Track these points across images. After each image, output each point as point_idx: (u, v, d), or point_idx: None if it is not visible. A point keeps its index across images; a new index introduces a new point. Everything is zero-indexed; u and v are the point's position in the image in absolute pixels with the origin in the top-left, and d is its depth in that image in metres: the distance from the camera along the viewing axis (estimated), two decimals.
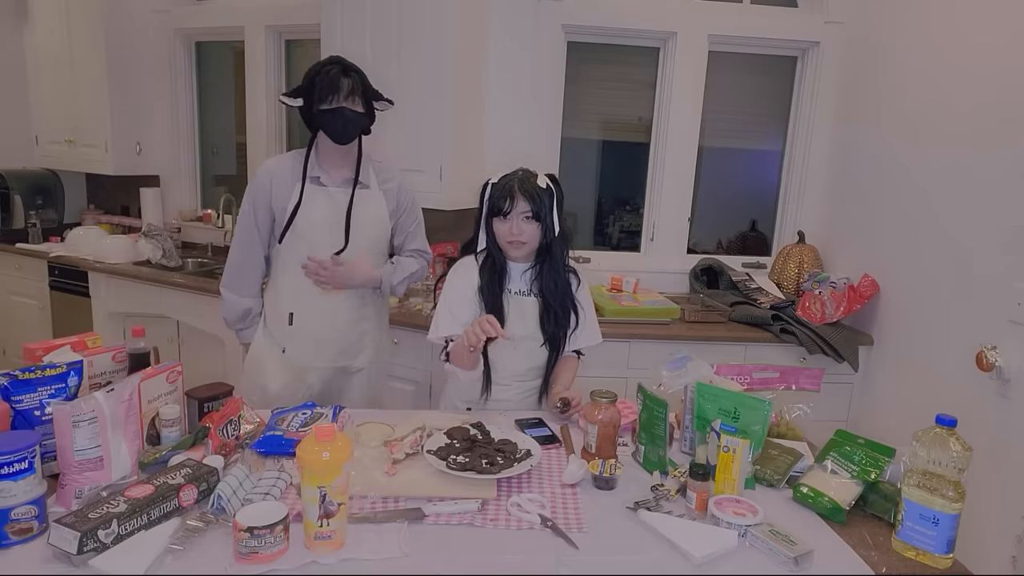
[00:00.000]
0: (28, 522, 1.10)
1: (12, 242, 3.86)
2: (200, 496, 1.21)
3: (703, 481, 1.30)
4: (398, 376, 2.77)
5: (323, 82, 1.86)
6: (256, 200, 1.96)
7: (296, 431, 1.48)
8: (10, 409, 1.24)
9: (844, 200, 3.02)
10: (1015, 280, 1.95)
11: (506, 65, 3.11)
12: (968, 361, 2.01)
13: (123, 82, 3.75)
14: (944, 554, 1.18)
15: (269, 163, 2.01)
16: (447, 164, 2.83)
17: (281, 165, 1.98)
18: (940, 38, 2.42)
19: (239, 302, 2.02)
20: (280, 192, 1.94)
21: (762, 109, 3.40)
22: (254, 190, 1.96)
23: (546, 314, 1.78)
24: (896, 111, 2.65)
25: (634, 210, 3.45)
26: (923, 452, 1.19)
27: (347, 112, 1.88)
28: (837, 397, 2.74)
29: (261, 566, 1.06)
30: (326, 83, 1.86)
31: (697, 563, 1.14)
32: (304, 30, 3.50)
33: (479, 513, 1.26)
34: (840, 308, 2.70)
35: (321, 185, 1.96)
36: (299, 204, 1.92)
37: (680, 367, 1.56)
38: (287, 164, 1.97)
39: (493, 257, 1.77)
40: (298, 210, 1.92)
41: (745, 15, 3.16)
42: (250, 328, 2.05)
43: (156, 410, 1.38)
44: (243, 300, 2.02)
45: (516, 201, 1.69)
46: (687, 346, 2.17)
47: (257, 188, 1.96)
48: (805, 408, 1.64)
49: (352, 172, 1.99)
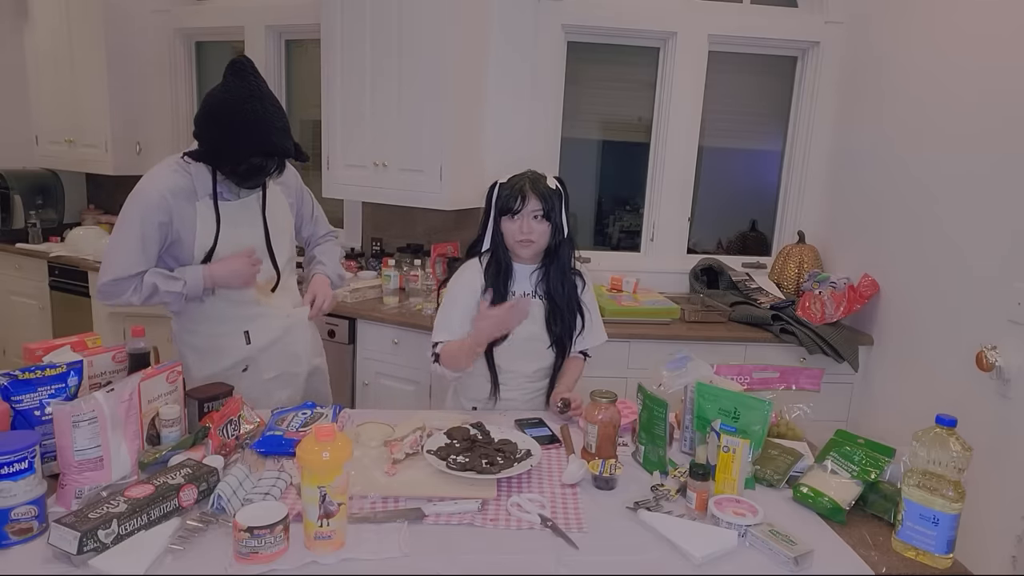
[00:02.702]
0: (28, 522, 1.10)
1: (12, 242, 3.86)
2: (200, 496, 1.21)
3: (703, 481, 1.30)
4: (398, 376, 2.77)
5: (247, 169, 1.65)
6: (146, 220, 1.68)
7: (296, 431, 1.48)
8: (10, 409, 1.24)
9: (844, 200, 3.02)
10: (1015, 280, 1.95)
11: (506, 65, 3.11)
12: (968, 361, 2.01)
13: (123, 82, 3.75)
14: (944, 554, 1.18)
15: (160, 181, 1.71)
16: (447, 164, 2.83)
17: (175, 181, 1.71)
18: (940, 38, 2.42)
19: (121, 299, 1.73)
20: (182, 215, 1.70)
21: (762, 109, 3.40)
22: (144, 211, 1.68)
23: (552, 316, 1.78)
24: (896, 111, 2.65)
25: (634, 210, 3.45)
26: (923, 452, 1.19)
27: (265, 178, 1.75)
28: (837, 397, 2.74)
29: (261, 566, 1.06)
30: (249, 171, 1.66)
31: (697, 563, 1.14)
32: (304, 30, 3.50)
33: (479, 513, 1.26)
34: (840, 308, 2.70)
35: (225, 199, 1.75)
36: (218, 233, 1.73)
37: (680, 367, 1.56)
38: (179, 181, 1.71)
39: (499, 258, 1.76)
40: (218, 238, 1.73)
41: (745, 15, 3.16)
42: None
43: (156, 410, 1.38)
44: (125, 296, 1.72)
45: (528, 200, 1.69)
46: (687, 346, 2.17)
47: (148, 209, 1.68)
48: (805, 408, 1.64)
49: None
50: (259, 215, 1.83)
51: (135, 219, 1.69)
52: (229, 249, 1.76)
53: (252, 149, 1.63)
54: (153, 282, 1.70)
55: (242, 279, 1.77)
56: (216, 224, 1.74)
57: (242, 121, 1.61)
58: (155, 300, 1.73)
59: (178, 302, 1.76)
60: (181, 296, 1.73)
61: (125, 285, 1.69)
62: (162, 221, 1.69)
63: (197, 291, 1.74)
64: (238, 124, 1.62)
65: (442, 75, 2.78)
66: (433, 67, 2.77)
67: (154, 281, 1.70)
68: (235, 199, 1.79)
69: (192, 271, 1.73)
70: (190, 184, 1.72)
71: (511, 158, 2.96)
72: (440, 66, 2.77)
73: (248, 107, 1.62)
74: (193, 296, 1.75)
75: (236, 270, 1.75)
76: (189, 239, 1.72)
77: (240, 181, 1.72)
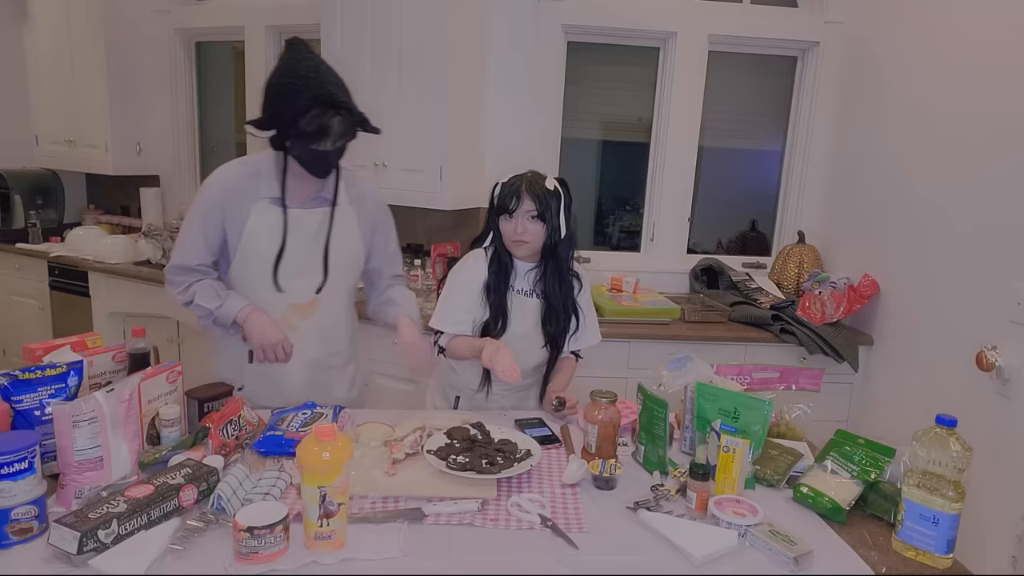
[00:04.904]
0: (28, 522, 1.10)
1: (12, 242, 3.86)
2: (200, 496, 1.21)
3: (703, 481, 1.30)
4: (398, 376, 2.77)
5: (310, 126, 1.56)
6: (205, 213, 1.67)
7: (296, 431, 1.47)
8: (10, 409, 1.24)
9: (844, 200, 3.02)
10: (1015, 280, 1.95)
11: (506, 65, 3.11)
12: (968, 361, 2.01)
13: (123, 82, 3.75)
14: (944, 554, 1.18)
15: (222, 173, 1.70)
16: (447, 164, 2.83)
17: (236, 176, 1.69)
18: (940, 38, 2.42)
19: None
20: (235, 212, 1.66)
21: (762, 109, 3.40)
22: (204, 203, 1.68)
23: (548, 315, 1.79)
24: (896, 111, 2.65)
25: (634, 210, 3.45)
26: (923, 452, 1.19)
27: (332, 155, 1.64)
28: (837, 397, 2.74)
29: (261, 566, 1.06)
30: (314, 128, 1.56)
31: (697, 563, 1.14)
32: (304, 30, 3.48)
33: (479, 513, 1.26)
34: (840, 308, 2.70)
35: (282, 207, 1.68)
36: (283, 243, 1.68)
37: (680, 367, 1.56)
38: (241, 176, 1.68)
39: (500, 255, 1.78)
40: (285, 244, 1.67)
41: (745, 15, 3.16)
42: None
43: (156, 410, 1.38)
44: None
45: (522, 200, 1.70)
46: (687, 346, 2.16)
47: (208, 202, 1.67)
48: (805, 408, 1.64)
49: (320, 188, 1.72)
50: (318, 228, 1.72)
51: (197, 210, 1.69)
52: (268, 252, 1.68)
53: (309, 102, 1.54)
54: (196, 291, 1.67)
55: (264, 346, 1.67)
56: (283, 230, 1.67)
57: (296, 77, 1.57)
58: (191, 308, 1.69)
59: (206, 320, 1.69)
60: (210, 315, 1.67)
61: (185, 277, 1.68)
62: (218, 215, 1.67)
63: (226, 321, 1.67)
64: (294, 79, 1.57)
65: (442, 75, 2.77)
66: (433, 67, 2.77)
67: (197, 290, 1.67)
68: (297, 207, 1.69)
69: (233, 301, 1.67)
70: (253, 182, 1.67)
71: (511, 158, 2.95)
72: (440, 66, 2.77)
73: (302, 66, 1.58)
74: (221, 323, 1.68)
75: (265, 337, 1.66)
76: (234, 238, 1.68)
77: (307, 159, 1.62)
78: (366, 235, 1.82)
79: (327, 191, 1.73)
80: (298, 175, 1.67)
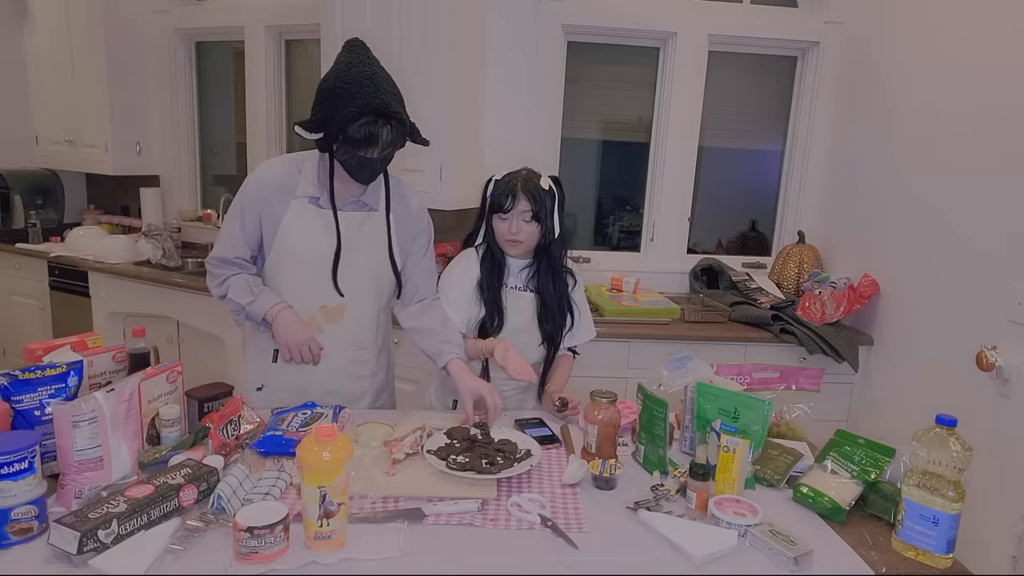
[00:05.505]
0: (28, 522, 1.10)
1: (12, 242, 3.86)
2: (200, 496, 1.21)
3: (703, 481, 1.30)
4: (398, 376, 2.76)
5: (359, 133, 1.52)
6: (245, 208, 1.67)
7: (296, 431, 1.47)
8: (10, 409, 1.23)
9: (844, 200, 3.02)
10: (1015, 280, 1.95)
11: (506, 65, 3.11)
12: (968, 361, 2.01)
13: (123, 82, 3.75)
14: (944, 554, 1.17)
15: (265, 169, 1.70)
16: (447, 164, 2.83)
17: (277, 173, 1.68)
18: (940, 38, 2.42)
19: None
20: (273, 208, 1.66)
21: (762, 109, 3.40)
22: (245, 197, 1.68)
23: (543, 312, 1.80)
24: (896, 111, 2.65)
25: (634, 210, 3.45)
26: (923, 452, 1.19)
27: (378, 163, 1.60)
28: (837, 397, 2.74)
29: (261, 566, 1.06)
30: (363, 136, 1.52)
31: (697, 563, 1.14)
32: (304, 30, 3.50)
33: (479, 513, 1.26)
34: (840, 308, 2.70)
35: (322, 208, 1.67)
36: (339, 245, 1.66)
37: (680, 367, 1.56)
38: (282, 173, 1.67)
39: (492, 252, 1.78)
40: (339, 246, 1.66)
41: (745, 15, 3.16)
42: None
43: (156, 410, 1.38)
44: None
45: (517, 200, 1.70)
46: (687, 346, 2.16)
47: (248, 198, 1.67)
48: (805, 408, 1.64)
49: (361, 192, 1.70)
50: (355, 232, 1.70)
51: (237, 203, 1.69)
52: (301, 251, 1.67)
53: (360, 110, 1.51)
54: (230, 284, 1.67)
55: (289, 345, 1.65)
56: (336, 232, 1.66)
57: (350, 82, 1.53)
58: (225, 302, 1.69)
59: (239, 315, 1.69)
60: (242, 311, 1.66)
61: (223, 269, 1.69)
62: (256, 210, 1.67)
63: (257, 317, 1.66)
64: (348, 85, 1.53)
65: (442, 75, 2.77)
66: (433, 67, 2.77)
67: (231, 284, 1.67)
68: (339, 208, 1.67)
69: (266, 298, 1.66)
70: (293, 179, 1.66)
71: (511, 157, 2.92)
72: (440, 66, 2.76)
73: (356, 70, 1.55)
74: (252, 318, 1.67)
75: (292, 336, 1.64)
76: (269, 235, 1.67)
77: (353, 164, 1.58)
78: (403, 243, 1.78)
79: (369, 196, 1.71)
80: (340, 178, 1.65)
